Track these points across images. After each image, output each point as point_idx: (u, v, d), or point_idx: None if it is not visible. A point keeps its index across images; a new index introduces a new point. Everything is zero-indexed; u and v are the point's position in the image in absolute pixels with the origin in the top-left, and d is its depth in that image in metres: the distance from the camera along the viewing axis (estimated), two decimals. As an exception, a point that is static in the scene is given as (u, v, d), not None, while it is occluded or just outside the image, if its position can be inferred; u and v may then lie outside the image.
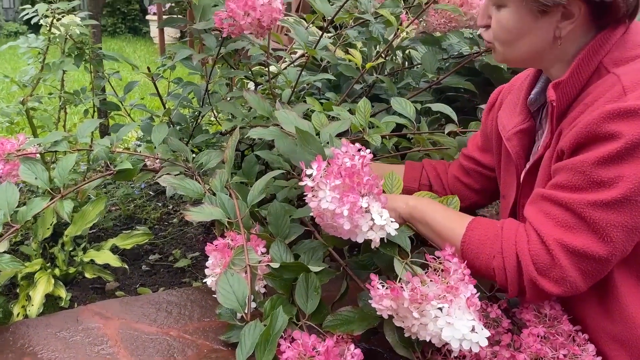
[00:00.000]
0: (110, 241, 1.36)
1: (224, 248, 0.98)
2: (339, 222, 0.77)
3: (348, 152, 0.81)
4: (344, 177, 0.77)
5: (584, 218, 0.73)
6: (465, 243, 0.83)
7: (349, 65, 1.59)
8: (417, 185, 1.16)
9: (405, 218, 0.92)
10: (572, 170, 0.75)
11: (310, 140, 0.90)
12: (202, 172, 1.20)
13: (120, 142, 1.21)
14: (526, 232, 0.79)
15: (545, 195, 0.78)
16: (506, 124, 0.95)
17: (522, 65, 0.93)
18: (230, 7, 1.08)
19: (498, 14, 0.84)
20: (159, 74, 1.41)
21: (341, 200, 0.76)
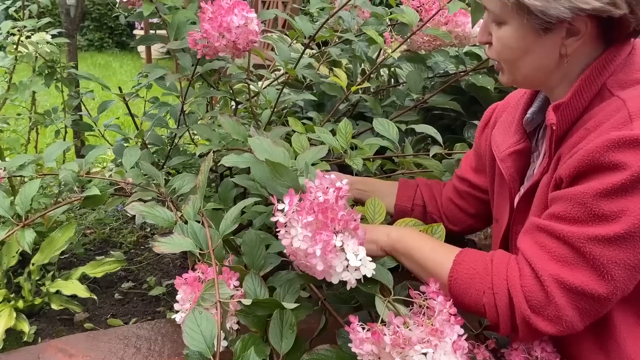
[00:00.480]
0: (80, 269, 1.29)
1: (194, 282, 0.91)
2: (311, 262, 0.71)
3: (322, 185, 0.76)
4: (316, 213, 0.72)
5: (583, 253, 0.68)
6: (453, 278, 0.77)
7: (332, 85, 1.54)
8: (410, 204, 1.10)
9: (388, 251, 0.86)
10: (571, 200, 0.70)
11: (282, 172, 0.84)
12: (177, 197, 1.14)
13: (90, 165, 1.15)
14: (518, 265, 0.74)
15: (541, 226, 0.73)
16: (500, 144, 0.90)
17: (530, 86, 0.87)
18: (205, 28, 1.03)
19: (498, 32, 0.78)
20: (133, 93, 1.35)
21: (314, 238, 0.71)
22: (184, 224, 1.00)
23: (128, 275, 1.47)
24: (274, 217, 0.76)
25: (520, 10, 0.73)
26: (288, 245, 0.74)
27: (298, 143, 1.20)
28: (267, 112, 1.39)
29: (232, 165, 1.00)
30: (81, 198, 1.09)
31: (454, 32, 1.40)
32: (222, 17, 1.02)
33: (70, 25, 1.70)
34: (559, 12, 0.71)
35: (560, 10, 0.70)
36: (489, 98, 1.54)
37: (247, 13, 1.05)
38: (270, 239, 1.07)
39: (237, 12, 1.03)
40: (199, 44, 1.07)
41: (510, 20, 0.76)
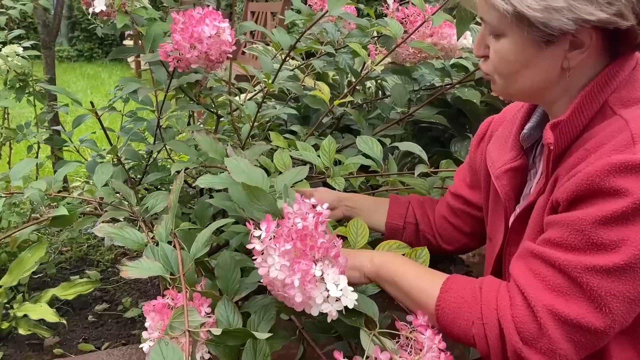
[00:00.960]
0: (50, 291, 1.23)
1: (163, 308, 0.86)
2: (289, 293, 0.67)
3: (301, 210, 0.71)
4: (295, 241, 0.68)
5: (579, 284, 0.63)
6: (440, 307, 0.73)
7: (316, 98, 1.50)
8: (402, 222, 1.05)
9: (371, 278, 0.81)
10: (568, 227, 0.65)
11: (259, 196, 0.80)
12: (151, 216, 1.09)
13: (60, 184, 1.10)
14: (509, 293, 0.69)
15: (535, 252, 0.69)
16: (495, 160, 0.86)
17: (526, 100, 0.83)
18: (176, 39, 0.99)
19: (496, 44, 0.73)
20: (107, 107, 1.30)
21: (292, 268, 0.66)
22: (155, 246, 0.95)
23: (103, 295, 1.41)
24: (250, 244, 0.72)
25: (520, 23, 0.68)
26: (265, 274, 0.70)
27: (280, 160, 1.16)
28: (247, 126, 1.35)
29: (208, 186, 0.95)
30: (49, 218, 1.04)
31: (439, 44, 1.36)
32: (192, 28, 0.97)
33: (48, 37, 1.65)
34: (561, 24, 0.66)
35: (564, 22, 0.66)
36: (476, 111, 1.51)
37: (219, 23, 1.01)
38: (247, 261, 1.02)
39: (208, 22, 0.99)
40: (171, 55, 1.03)
41: (509, 32, 0.71)
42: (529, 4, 0.66)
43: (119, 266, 0.90)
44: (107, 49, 8.67)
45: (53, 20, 1.65)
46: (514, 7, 0.67)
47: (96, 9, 1.09)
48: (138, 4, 1.11)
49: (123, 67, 7.39)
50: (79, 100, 1.13)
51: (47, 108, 1.36)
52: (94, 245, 1.65)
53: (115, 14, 1.19)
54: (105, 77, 6.60)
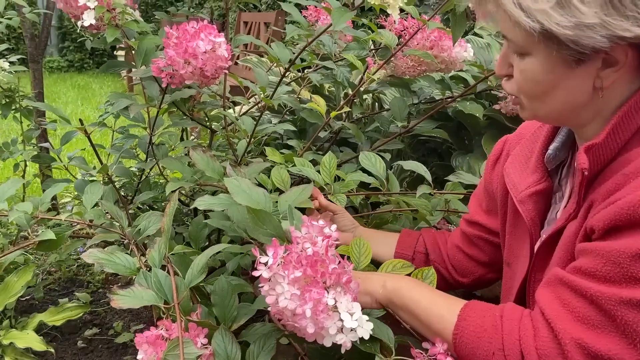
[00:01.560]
0: (38, 317, 1.17)
1: (157, 340, 0.81)
2: (301, 324, 0.63)
3: (309, 234, 0.67)
4: (305, 267, 0.63)
5: (613, 317, 0.59)
6: (458, 336, 0.69)
7: (312, 111, 1.46)
8: (411, 252, 1.01)
9: (384, 304, 0.78)
10: (603, 257, 0.61)
11: (265, 220, 0.76)
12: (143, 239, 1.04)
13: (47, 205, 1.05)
14: (533, 323, 0.65)
15: (565, 281, 0.64)
16: (518, 183, 0.80)
17: (556, 122, 0.77)
18: (169, 55, 0.95)
19: (522, 63, 0.68)
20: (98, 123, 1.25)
21: (302, 297, 0.62)
22: (148, 272, 0.90)
23: (94, 318, 1.36)
24: (257, 271, 0.67)
25: (548, 41, 0.63)
26: (273, 303, 0.65)
27: (278, 177, 1.12)
28: (243, 142, 1.31)
29: (207, 208, 0.91)
30: (35, 242, 0.99)
31: (439, 56, 1.33)
32: (187, 43, 0.93)
33: (36, 50, 1.61)
34: (594, 42, 0.61)
35: (596, 39, 0.61)
36: (477, 125, 1.47)
37: (214, 37, 0.97)
38: (245, 286, 0.97)
39: (203, 36, 0.95)
40: (164, 71, 0.99)
41: (536, 51, 0.66)
42: (558, 21, 0.61)
43: (109, 294, 0.85)
44: (98, 59, 8.62)
45: (41, 33, 1.61)
46: (541, 25, 0.62)
47: (85, 22, 1.04)
48: (129, 17, 1.07)
49: (114, 78, 7.33)
50: (67, 118, 1.09)
51: (35, 125, 1.31)
52: (84, 265, 1.60)
53: (105, 28, 1.15)
54: (96, 88, 6.54)
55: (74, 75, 7.98)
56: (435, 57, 1.31)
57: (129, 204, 1.30)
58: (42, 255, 1.52)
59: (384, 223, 1.27)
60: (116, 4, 1.10)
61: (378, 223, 1.26)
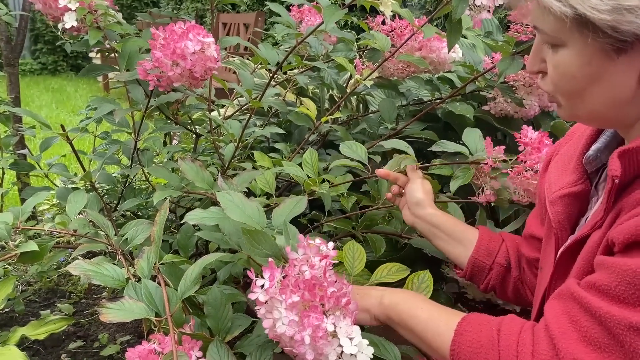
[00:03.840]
0: (19, 330, 1.12)
1: (149, 355, 0.78)
2: (299, 351, 0.61)
3: (306, 255, 0.65)
4: (303, 292, 0.62)
5: (621, 342, 0.54)
6: (455, 352, 0.66)
7: (300, 114, 1.44)
8: (490, 262, 0.89)
9: (382, 320, 0.75)
10: (619, 275, 0.56)
11: (260, 240, 0.73)
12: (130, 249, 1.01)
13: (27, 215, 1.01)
14: (534, 337, 0.62)
15: (576, 296, 0.60)
16: (553, 183, 0.74)
17: (598, 124, 0.69)
18: (156, 56, 0.92)
19: (555, 57, 0.61)
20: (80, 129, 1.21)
21: (301, 322, 0.60)
22: (137, 283, 0.87)
23: (77, 330, 1.31)
24: (253, 294, 0.65)
25: (583, 28, 0.57)
26: (270, 327, 0.64)
27: (264, 180, 1.09)
28: (231, 146, 1.28)
29: (199, 222, 0.88)
30: (17, 254, 0.94)
31: (428, 57, 1.32)
32: (175, 43, 0.90)
33: (11, 54, 1.55)
34: (636, 28, 0.54)
35: (638, 25, 0.54)
36: (465, 126, 1.46)
37: (203, 37, 0.94)
38: (238, 296, 0.95)
39: (192, 36, 0.92)
40: (151, 74, 0.95)
41: (570, 41, 0.59)
42: (594, 4, 0.54)
43: (98, 308, 0.82)
44: (72, 61, 8.45)
45: (17, 36, 1.55)
46: (574, 10, 0.55)
47: (67, 24, 1.01)
48: (112, 19, 1.03)
49: (90, 81, 7.20)
50: (47, 124, 1.04)
51: (12, 131, 1.27)
52: (65, 275, 1.55)
53: (86, 30, 1.11)
54: (71, 91, 6.40)
55: (47, 78, 7.81)
56: (424, 58, 1.30)
57: (112, 212, 1.26)
58: (22, 265, 1.47)
59: (374, 224, 1.25)
60: (98, 5, 1.06)
61: (368, 224, 1.25)
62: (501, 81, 1.25)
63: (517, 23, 1.21)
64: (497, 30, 1.70)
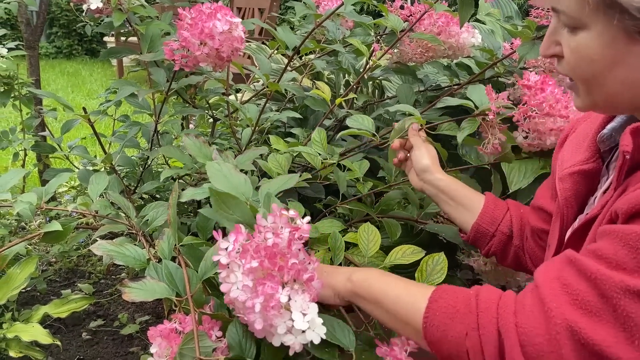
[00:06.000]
0: (42, 309, 1.15)
1: (171, 334, 0.80)
2: (249, 318, 0.60)
3: (275, 224, 0.63)
4: (263, 259, 0.60)
5: (614, 306, 0.52)
6: (429, 319, 0.62)
7: (316, 99, 1.44)
8: (493, 229, 0.89)
9: (347, 297, 0.72)
10: (621, 240, 0.54)
11: (231, 204, 0.71)
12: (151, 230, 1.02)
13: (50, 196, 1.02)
14: (519, 299, 0.59)
15: (572, 260, 0.58)
16: (566, 160, 0.73)
17: (616, 110, 0.67)
18: (184, 36, 0.92)
19: (574, 40, 0.60)
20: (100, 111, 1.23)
21: (255, 289, 0.59)
22: (158, 264, 0.88)
23: (97, 310, 1.34)
24: (216, 256, 0.64)
25: (608, 10, 0.55)
26: (227, 292, 0.63)
27: (275, 162, 1.10)
28: (248, 130, 1.28)
29: (191, 198, 0.88)
30: (40, 234, 0.96)
31: (447, 42, 1.31)
32: (203, 23, 0.91)
33: (32, 36, 1.57)
34: None
35: None
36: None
37: (231, 18, 0.95)
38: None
39: (220, 17, 0.92)
40: (177, 54, 0.96)
41: (592, 23, 0.58)
42: None
43: (120, 287, 0.83)
44: (87, 45, 8.48)
45: (37, 19, 1.57)
46: None
47: (92, 5, 1.01)
48: (136, 2, 1.04)
49: (104, 65, 7.23)
50: (70, 107, 1.06)
51: (34, 113, 1.28)
52: (84, 256, 1.57)
53: (108, 11, 1.12)
54: (86, 75, 6.44)
55: (62, 62, 7.85)
56: (443, 42, 1.29)
57: (132, 194, 1.28)
58: (43, 246, 1.49)
59: (390, 209, 1.25)
60: (121, -13, 1.07)
61: (384, 209, 1.25)
62: (521, 66, 1.25)
63: (537, 7, 1.20)
64: (517, 15, 1.68)
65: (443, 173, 0.95)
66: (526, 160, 1.10)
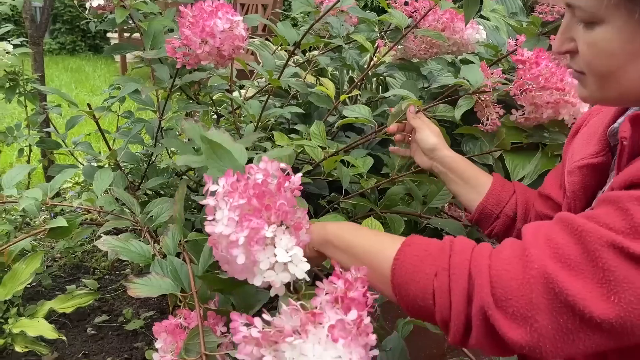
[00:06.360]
0: (47, 304, 1.16)
1: (176, 329, 0.80)
2: (231, 253, 0.57)
3: (266, 170, 0.62)
4: (250, 197, 0.59)
5: (594, 259, 0.51)
6: (398, 262, 0.60)
7: (320, 95, 1.44)
8: (498, 211, 0.89)
9: (317, 247, 0.69)
10: (612, 203, 0.53)
11: (222, 155, 0.70)
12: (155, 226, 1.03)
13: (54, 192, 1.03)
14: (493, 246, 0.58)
15: (562, 217, 0.56)
16: (576, 153, 0.73)
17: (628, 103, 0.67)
18: (185, 34, 0.92)
19: (590, 35, 0.59)
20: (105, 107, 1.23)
21: (240, 224, 0.57)
22: (163, 260, 0.89)
23: (102, 305, 1.35)
24: (205, 200, 0.62)
25: (629, 4, 0.54)
26: (211, 232, 0.61)
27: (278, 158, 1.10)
28: (251, 126, 1.29)
29: (185, 164, 0.86)
30: (46, 229, 0.97)
31: (451, 38, 1.31)
32: (204, 21, 0.91)
33: (36, 32, 1.57)
34: None
35: None
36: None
37: (232, 16, 0.95)
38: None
39: (221, 15, 0.92)
40: (179, 52, 0.96)
41: (611, 18, 0.56)
42: None
43: (125, 283, 0.83)
44: (90, 41, 8.48)
45: (41, 15, 1.57)
46: None
47: (94, 2, 1.01)
48: (138, -1, 1.04)
49: (107, 61, 7.24)
50: (75, 103, 1.06)
51: (39, 109, 1.29)
52: (88, 252, 1.58)
53: (111, 8, 1.12)
54: (89, 71, 6.45)
55: (65, 57, 7.86)
56: (448, 39, 1.29)
57: (136, 190, 1.28)
58: (48, 241, 1.50)
59: (393, 205, 1.25)
60: (124, -16, 1.07)
61: (387, 205, 1.25)
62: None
63: (542, 3, 1.20)
64: (521, 12, 1.68)
65: (450, 150, 0.95)
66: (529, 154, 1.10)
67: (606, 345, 0.51)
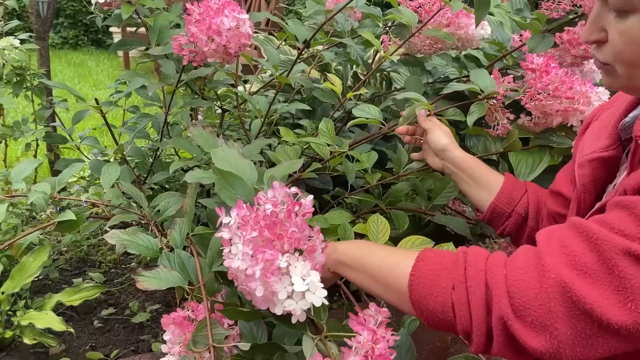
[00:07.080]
0: (55, 297, 1.17)
1: (184, 321, 0.81)
2: (250, 287, 0.60)
3: (275, 198, 0.64)
4: (262, 229, 0.61)
5: (610, 267, 0.51)
6: (415, 277, 0.61)
7: (325, 91, 1.44)
8: (510, 210, 0.89)
9: (331, 267, 0.71)
10: (627, 209, 0.53)
11: (233, 183, 0.72)
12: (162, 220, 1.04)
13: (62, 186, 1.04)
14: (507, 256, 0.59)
15: (576, 223, 0.56)
16: (586, 147, 0.73)
17: None
18: (192, 32, 0.93)
19: (623, 24, 0.59)
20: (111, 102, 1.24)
21: (255, 257, 0.60)
22: (171, 253, 0.90)
23: (108, 298, 1.36)
24: (219, 232, 0.65)
25: None
26: (229, 265, 0.63)
27: (283, 152, 1.11)
28: (257, 122, 1.29)
29: (196, 181, 0.88)
30: (54, 223, 0.98)
31: (456, 34, 1.31)
32: (211, 19, 0.91)
33: (42, 27, 1.58)
34: None
35: None
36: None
37: (238, 14, 0.95)
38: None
39: (227, 12, 0.93)
40: (185, 49, 0.97)
41: None
42: None
43: (134, 276, 0.84)
44: (93, 36, 8.47)
45: (47, 10, 1.57)
46: None
47: (100, -1, 1.02)
48: (145, -6, 1.05)
49: (110, 55, 7.24)
50: (82, 97, 1.07)
51: (46, 104, 1.29)
52: (95, 245, 1.59)
53: (117, 4, 1.12)
54: (92, 66, 6.45)
55: (68, 52, 7.85)
56: (452, 34, 1.29)
57: (142, 185, 1.29)
58: (54, 235, 1.51)
59: (397, 201, 1.26)
60: (131, -21, 1.08)
61: (392, 201, 1.26)
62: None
63: (548, 0, 1.20)
64: (526, 8, 1.68)
65: (462, 151, 0.95)
66: (533, 152, 1.10)
67: (623, 348, 0.53)
